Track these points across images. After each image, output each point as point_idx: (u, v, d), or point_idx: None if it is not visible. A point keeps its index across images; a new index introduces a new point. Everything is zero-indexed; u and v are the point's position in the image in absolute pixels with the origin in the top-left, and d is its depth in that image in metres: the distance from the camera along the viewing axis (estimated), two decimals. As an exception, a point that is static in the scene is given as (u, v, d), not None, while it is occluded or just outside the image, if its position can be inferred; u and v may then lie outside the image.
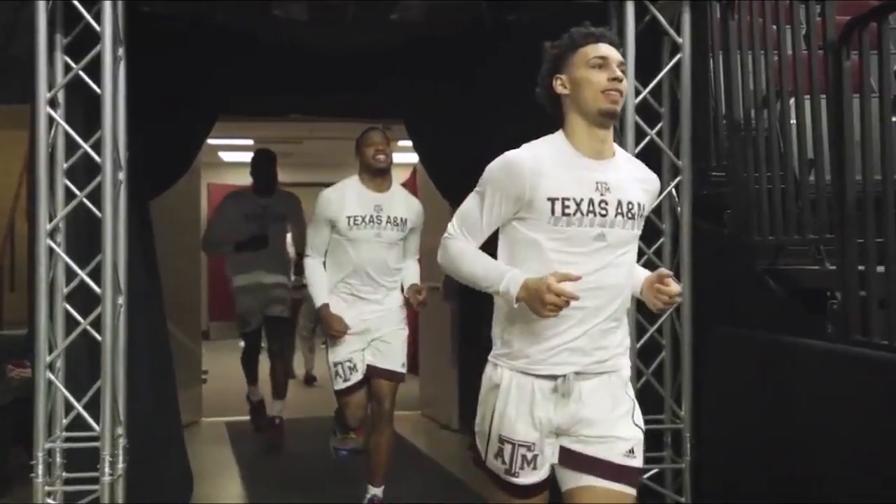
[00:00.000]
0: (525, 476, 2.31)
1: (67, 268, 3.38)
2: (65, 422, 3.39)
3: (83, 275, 3.35)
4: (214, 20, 3.99)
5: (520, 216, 2.26)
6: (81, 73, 3.34)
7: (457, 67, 4.82)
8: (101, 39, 3.28)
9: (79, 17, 3.31)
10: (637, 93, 3.70)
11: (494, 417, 2.32)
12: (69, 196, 3.41)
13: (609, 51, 2.26)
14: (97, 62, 3.30)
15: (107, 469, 3.27)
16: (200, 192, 7.75)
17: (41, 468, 3.29)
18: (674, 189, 3.76)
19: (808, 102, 3.33)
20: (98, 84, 3.31)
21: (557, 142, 2.30)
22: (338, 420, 4.29)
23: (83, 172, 3.42)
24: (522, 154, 2.26)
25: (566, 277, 2.14)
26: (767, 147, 3.53)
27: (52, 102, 3.35)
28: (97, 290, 3.31)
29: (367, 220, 3.95)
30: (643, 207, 2.32)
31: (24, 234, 3.75)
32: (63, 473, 3.38)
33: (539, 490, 2.34)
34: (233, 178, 11.04)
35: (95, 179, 3.32)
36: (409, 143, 5.63)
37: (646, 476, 3.61)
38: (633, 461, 2.30)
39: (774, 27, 3.56)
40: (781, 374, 3.08)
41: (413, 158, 6.51)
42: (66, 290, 3.40)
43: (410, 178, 7.79)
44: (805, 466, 2.90)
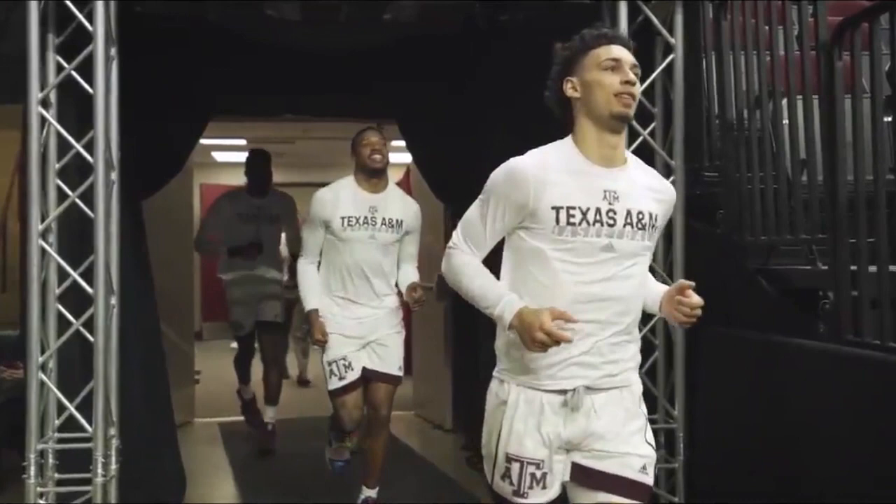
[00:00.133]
0: (534, 496, 2.21)
1: (60, 268, 3.37)
2: (57, 422, 3.38)
3: (75, 275, 3.34)
4: (207, 20, 3.98)
5: (524, 225, 2.17)
6: (74, 73, 3.32)
7: (450, 67, 4.81)
8: (94, 39, 3.26)
9: (71, 17, 3.30)
10: (630, 93, 3.70)
11: (501, 435, 2.22)
12: (61, 196, 3.39)
13: (622, 53, 2.17)
14: (89, 62, 3.28)
15: (99, 470, 3.27)
16: (193, 193, 7.73)
17: (33, 469, 3.27)
18: (667, 189, 3.76)
19: (801, 103, 3.34)
20: (90, 84, 3.29)
21: (565, 148, 2.21)
22: (332, 427, 4.23)
23: (75, 172, 3.41)
24: (526, 161, 2.17)
25: (563, 317, 2.07)
26: (760, 147, 3.54)
27: (45, 102, 3.34)
28: (89, 291, 3.30)
29: (362, 222, 3.91)
30: (655, 218, 2.21)
31: (17, 235, 3.76)
32: (55, 474, 3.37)
33: None
34: (226, 178, 11.03)
35: (88, 180, 3.31)
36: (403, 143, 5.62)
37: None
38: (647, 478, 2.23)
39: (767, 28, 3.57)
40: (774, 374, 3.09)
41: (406, 158, 6.49)
42: (59, 291, 3.39)
43: (404, 178, 7.77)
44: (797, 466, 2.91)
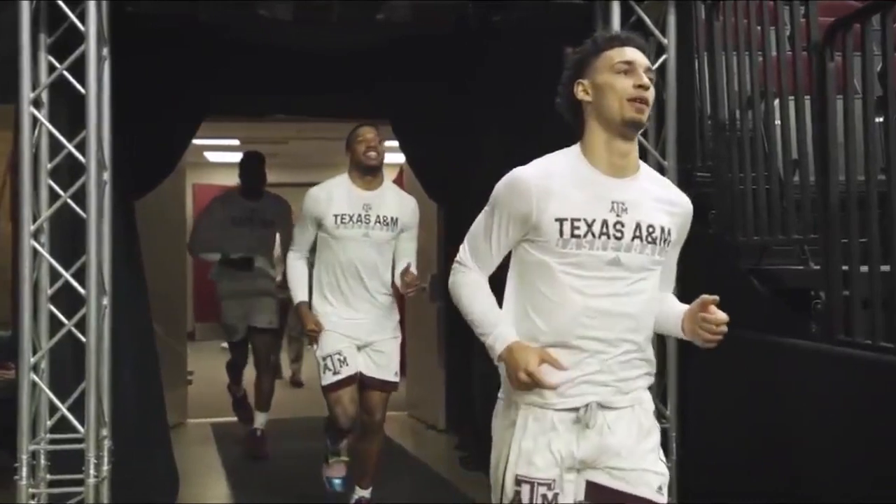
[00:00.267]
0: None
1: (52, 268, 3.36)
2: (49, 423, 3.37)
3: (67, 276, 3.33)
4: (199, 20, 3.98)
5: (528, 238, 2.09)
6: (66, 73, 3.32)
7: (443, 68, 4.81)
8: (86, 39, 3.26)
9: (63, 17, 3.29)
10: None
11: (510, 458, 2.11)
12: (53, 196, 3.39)
13: (636, 55, 2.07)
14: (81, 62, 3.28)
15: (91, 470, 3.27)
16: (186, 193, 7.72)
17: (25, 470, 3.27)
18: (659, 189, 3.77)
19: (793, 103, 3.35)
20: (82, 84, 3.29)
21: (572, 156, 2.11)
22: (328, 428, 4.14)
23: (67, 173, 3.41)
24: (529, 171, 2.09)
25: (554, 364, 2.03)
26: (752, 148, 3.54)
27: (36, 102, 3.34)
28: (82, 291, 3.30)
29: (355, 219, 3.85)
30: (667, 232, 2.10)
31: (8, 235, 3.74)
32: (47, 475, 3.36)
33: None
34: (218, 179, 11.01)
35: (80, 180, 3.31)
36: (396, 143, 5.62)
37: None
38: (663, 499, 2.16)
39: (759, 28, 3.58)
40: (766, 374, 3.10)
41: (400, 158, 6.48)
42: (51, 291, 3.38)
43: (398, 178, 7.76)
44: (790, 465, 2.92)
